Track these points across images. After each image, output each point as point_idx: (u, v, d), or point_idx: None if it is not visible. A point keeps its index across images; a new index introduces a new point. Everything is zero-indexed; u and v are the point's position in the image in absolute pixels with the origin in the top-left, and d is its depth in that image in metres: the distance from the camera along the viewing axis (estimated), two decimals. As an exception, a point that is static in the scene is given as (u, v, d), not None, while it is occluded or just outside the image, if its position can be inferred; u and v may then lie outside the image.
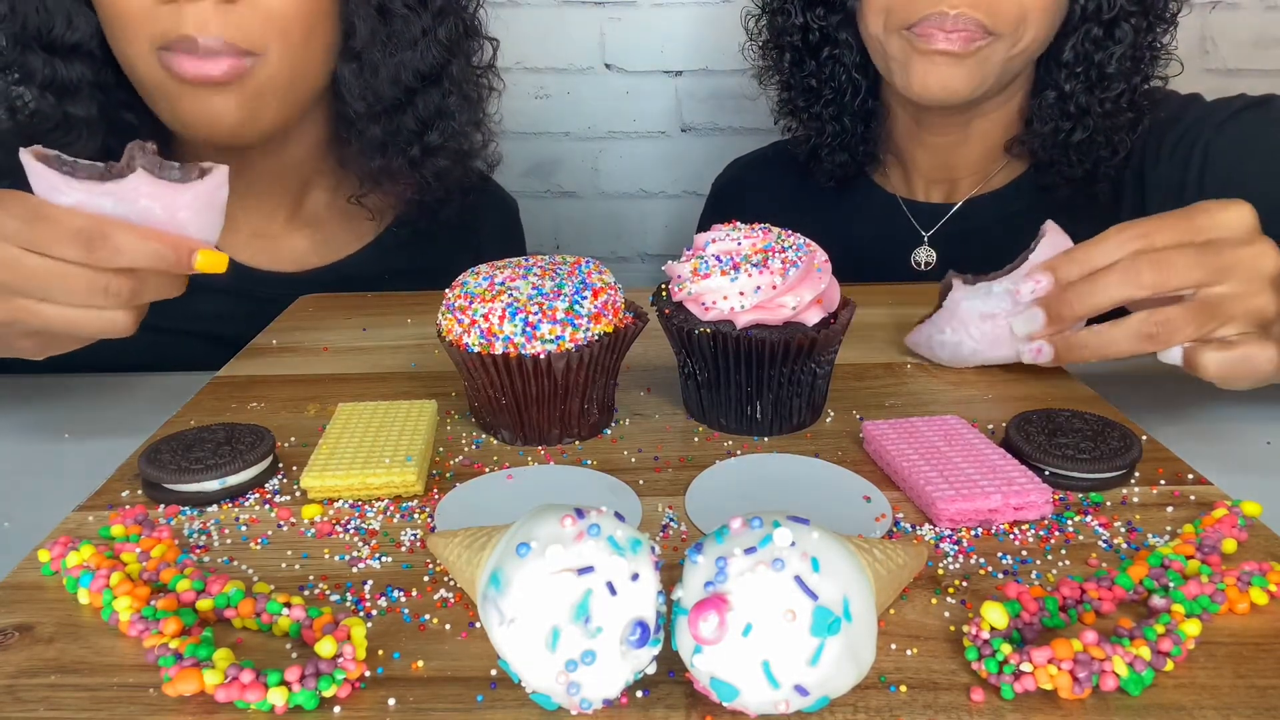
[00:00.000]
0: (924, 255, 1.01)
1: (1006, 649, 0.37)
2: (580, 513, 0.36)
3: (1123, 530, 0.48)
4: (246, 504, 0.52)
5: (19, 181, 0.65)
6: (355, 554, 0.47)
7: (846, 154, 1.01)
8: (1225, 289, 0.56)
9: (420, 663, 0.39)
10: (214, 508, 0.52)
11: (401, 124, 0.90)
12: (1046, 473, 0.52)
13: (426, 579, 0.45)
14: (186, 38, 0.75)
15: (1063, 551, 0.47)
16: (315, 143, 0.93)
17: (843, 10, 0.93)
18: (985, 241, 0.97)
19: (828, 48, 0.96)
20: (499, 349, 0.55)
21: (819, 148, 1.02)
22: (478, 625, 0.41)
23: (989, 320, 0.65)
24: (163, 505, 0.52)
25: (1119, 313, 0.59)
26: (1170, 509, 0.50)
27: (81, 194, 0.54)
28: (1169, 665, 0.37)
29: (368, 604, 0.43)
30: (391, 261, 0.99)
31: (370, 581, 0.45)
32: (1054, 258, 0.61)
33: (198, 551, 0.48)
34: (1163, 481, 0.53)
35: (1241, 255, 0.56)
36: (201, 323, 0.90)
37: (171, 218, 0.56)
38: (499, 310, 0.55)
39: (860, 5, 0.90)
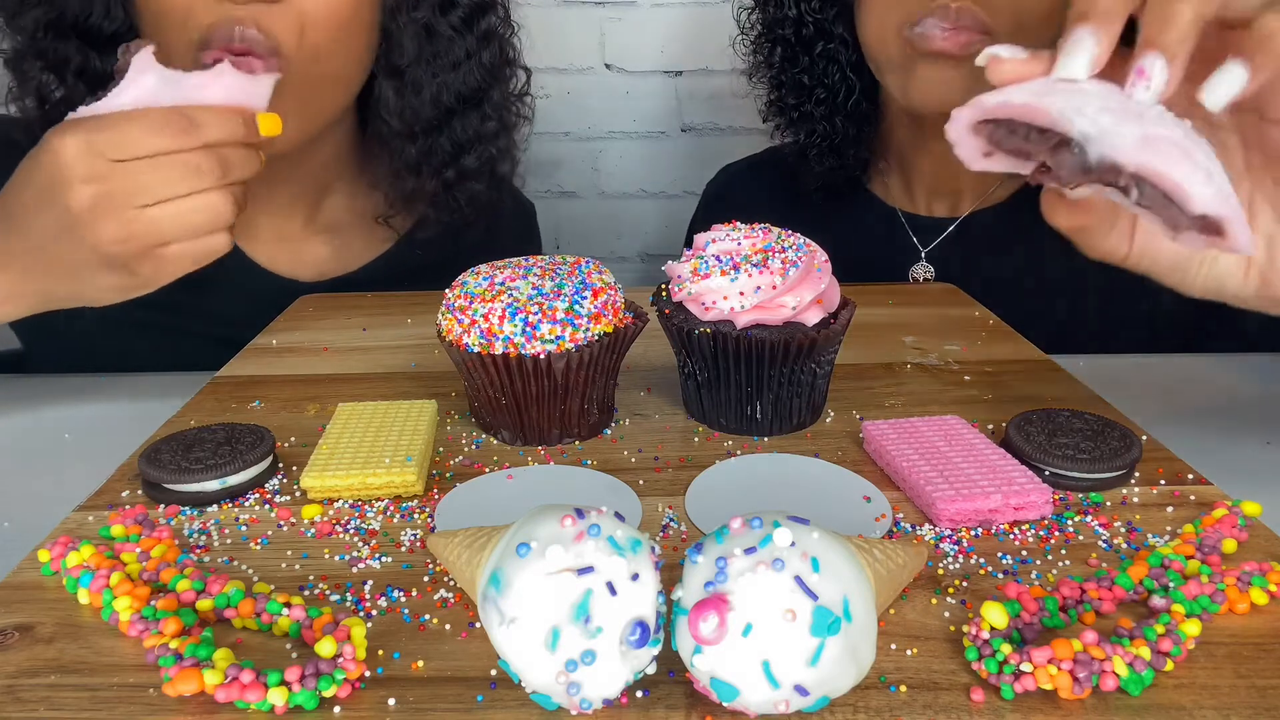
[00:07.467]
0: (921, 272, 0.97)
1: (1006, 649, 0.37)
2: (580, 513, 0.36)
3: (1123, 530, 0.48)
4: (246, 504, 0.52)
5: None
6: (355, 554, 0.47)
7: (835, 158, 0.96)
8: None
9: (420, 663, 0.39)
10: (214, 508, 0.52)
11: (437, 145, 0.88)
12: (1046, 473, 0.52)
13: (426, 579, 0.45)
14: (225, 32, 0.71)
15: (1063, 551, 0.47)
16: (337, 150, 0.92)
17: (838, 4, 0.90)
18: (985, 259, 0.94)
19: (821, 43, 0.92)
20: (499, 349, 0.55)
21: (808, 148, 0.97)
22: (478, 625, 0.41)
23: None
24: (163, 505, 0.52)
25: None
26: (1170, 509, 0.50)
27: (132, 93, 0.58)
28: (1169, 665, 0.37)
29: (368, 604, 0.43)
30: (413, 264, 0.97)
31: (370, 581, 0.45)
32: None
33: (198, 551, 0.48)
34: (1163, 481, 0.53)
35: None
36: (221, 326, 0.90)
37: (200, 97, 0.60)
38: (499, 310, 0.55)
39: (859, 2, 0.87)
